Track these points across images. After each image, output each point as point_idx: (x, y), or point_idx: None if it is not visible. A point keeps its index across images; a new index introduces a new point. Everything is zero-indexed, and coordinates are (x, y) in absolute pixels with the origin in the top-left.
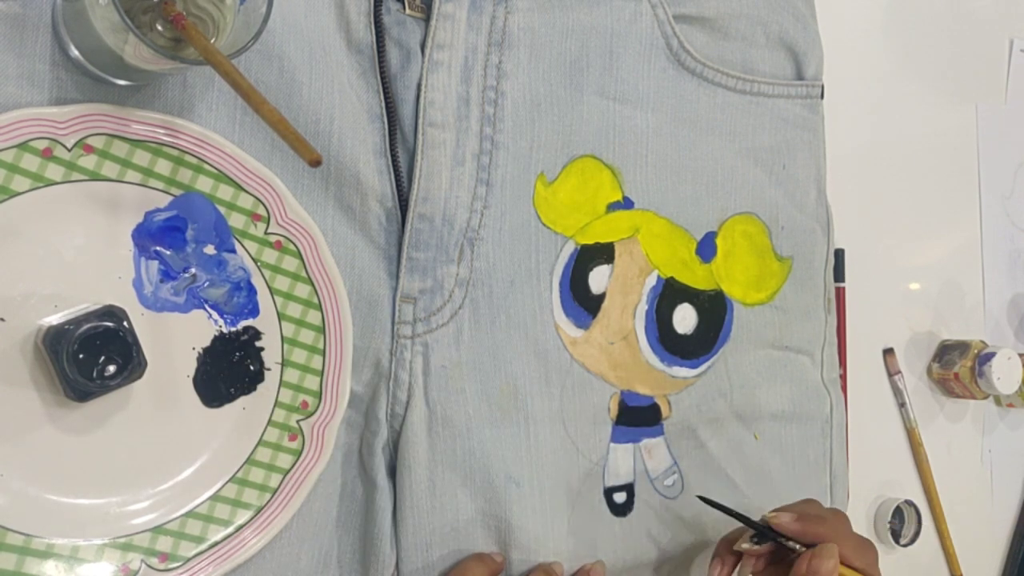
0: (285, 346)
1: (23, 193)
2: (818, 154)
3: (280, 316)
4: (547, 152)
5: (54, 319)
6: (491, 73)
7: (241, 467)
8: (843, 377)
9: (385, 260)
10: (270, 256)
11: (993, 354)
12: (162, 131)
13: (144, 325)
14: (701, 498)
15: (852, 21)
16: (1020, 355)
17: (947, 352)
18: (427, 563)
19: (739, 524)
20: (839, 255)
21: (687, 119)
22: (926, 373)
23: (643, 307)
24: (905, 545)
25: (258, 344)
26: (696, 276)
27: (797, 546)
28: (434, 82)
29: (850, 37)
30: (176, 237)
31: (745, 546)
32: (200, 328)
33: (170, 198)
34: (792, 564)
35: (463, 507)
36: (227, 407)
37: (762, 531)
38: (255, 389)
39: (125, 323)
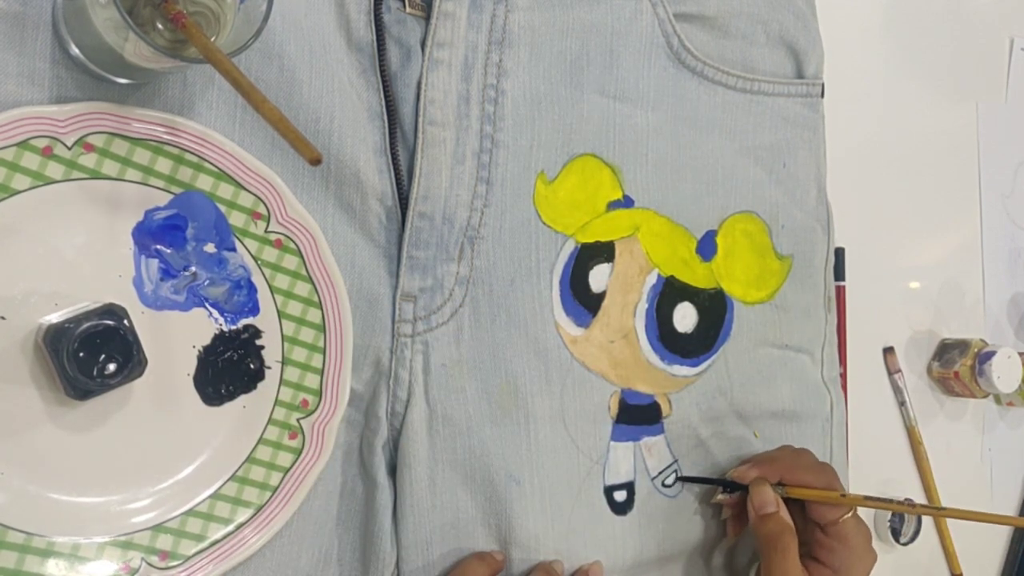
0: (285, 344)
1: (23, 191)
2: (818, 153)
3: (280, 314)
4: (547, 150)
5: (54, 317)
6: (491, 71)
7: (241, 465)
8: (843, 376)
9: (385, 259)
10: (270, 254)
11: (993, 353)
12: (162, 129)
13: (144, 323)
14: (682, 478)
15: (852, 20)
16: (1020, 354)
17: (947, 351)
18: (427, 562)
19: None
20: (839, 254)
21: (687, 118)
22: (926, 372)
23: (643, 306)
24: (905, 544)
25: (258, 342)
26: (696, 275)
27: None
28: (434, 80)
29: (850, 36)
30: (176, 235)
31: (720, 497)
32: (200, 326)
33: (170, 196)
34: None
35: (463, 505)
36: (227, 405)
37: (728, 485)
38: (255, 387)
39: (125, 321)
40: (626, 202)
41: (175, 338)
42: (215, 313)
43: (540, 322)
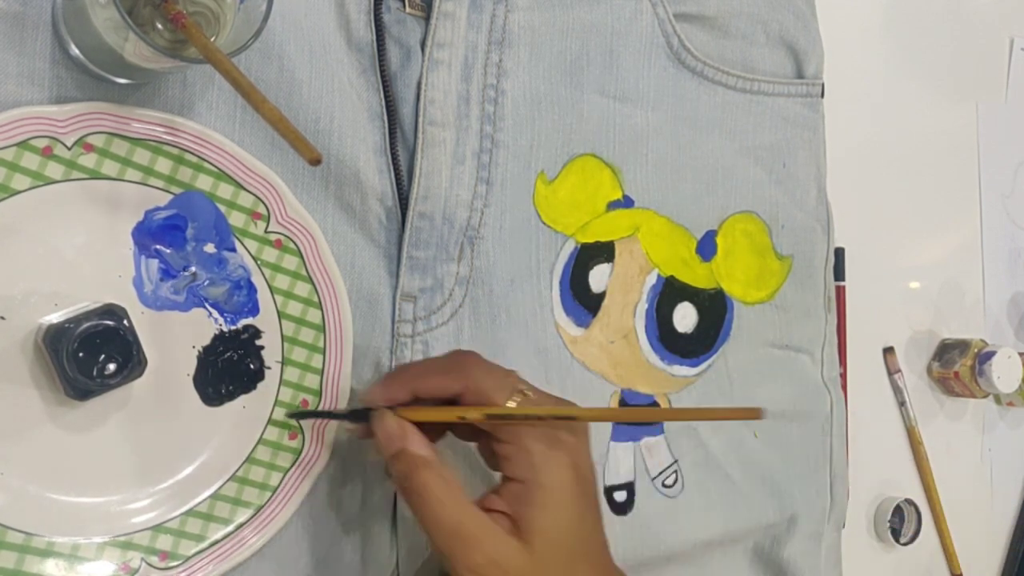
0: (285, 345)
1: (23, 192)
2: (818, 153)
3: (280, 315)
4: (547, 150)
5: (54, 317)
6: (491, 71)
7: (241, 466)
8: (843, 376)
9: (385, 259)
10: (270, 255)
11: (993, 353)
12: (162, 130)
13: (144, 324)
14: (290, 414)
15: (852, 20)
16: (1020, 354)
17: (947, 351)
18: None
19: None
20: (839, 254)
21: (687, 118)
22: (926, 372)
23: (643, 306)
24: (905, 544)
25: (258, 343)
26: (696, 275)
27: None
28: (434, 80)
29: (850, 36)
30: (176, 235)
31: (349, 428)
32: (200, 327)
33: (170, 196)
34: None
35: None
36: (227, 406)
37: (357, 414)
38: (255, 388)
39: (125, 322)
40: (626, 202)
41: (175, 338)
42: (215, 313)
43: (540, 322)
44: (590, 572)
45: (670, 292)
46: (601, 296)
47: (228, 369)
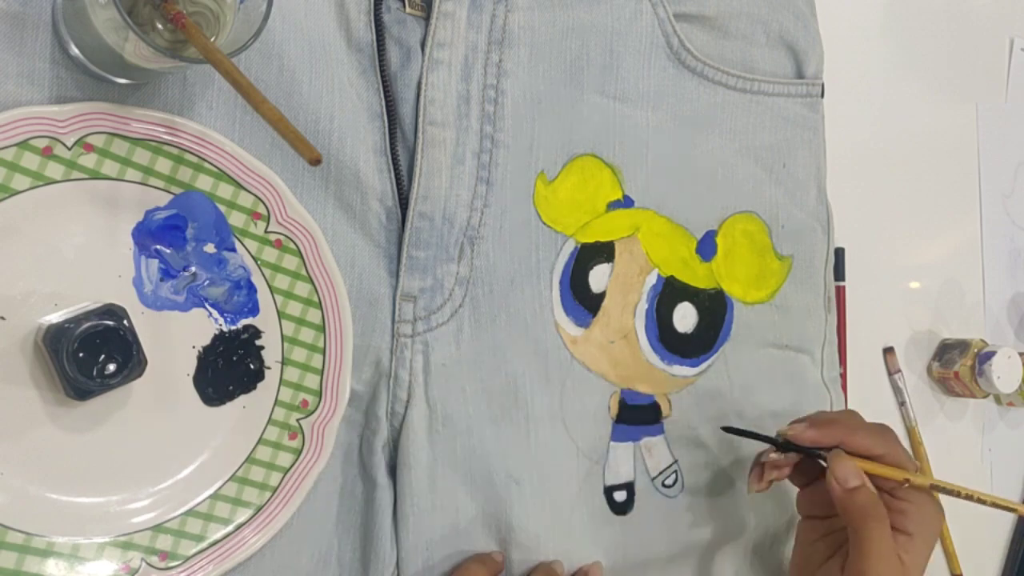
0: (285, 345)
1: (23, 191)
2: (818, 153)
3: (280, 315)
4: (547, 151)
5: (54, 317)
6: (491, 71)
7: (241, 466)
8: (843, 376)
9: (385, 259)
10: (270, 255)
11: (993, 353)
12: (162, 130)
13: (144, 324)
14: (725, 428)
15: (852, 20)
16: (1020, 354)
17: (947, 351)
18: (428, 563)
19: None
20: (839, 254)
21: (687, 118)
22: (926, 372)
23: (643, 306)
24: None
25: (258, 343)
26: (696, 275)
27: (822, 453)
28: (434, 80)
29: (850, 36)
30: (176, 235)
31: (772, 456)
32: (200, 327)
33: (170, 196)
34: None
35: (463, 506)
36: (227, 406)
37: (782, 445)
38: (255, 388)
39: (125, 322)
40: (626, 202)
41: (175, 338)
42: (215, 313)
43: (540, 322)
44: None
45: (670, 292)
46: (601, 296)
47: (228, 369)
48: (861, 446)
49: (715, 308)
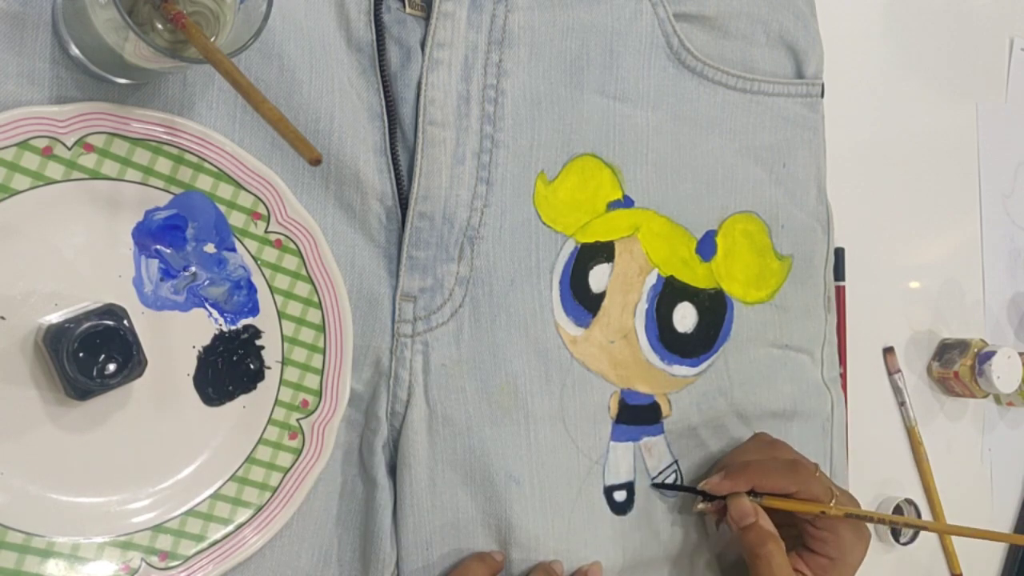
0: (285, 345)
1: (23, 192)
2: (818, 153)
3: (280, 315)
4: (547, 150)
5: (54, 317)
6: (491, 71)
7: (241, 466)
8: (843, 376)
9: (385, 259)
10: (270, 255)
11: (993, 353)
12: (162, 130)
13: (144, 324)
14: (654, 485)
15: (852, 20)
16: (1020, 354)
17: (947, 351)
18: (427, 562)
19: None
20: (839, 254)
21: (687, 118)
22: (926, 372)
23: (643, 306)
24: (905, 544)
25: (258, 343)
26: (696, 275)
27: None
28: (434, 80)
29: (850, 36)
30: (176, 235)
31: (700, 507)
32: (200, 327)
33: (170, 196)
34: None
35: (463, 506)
36: (227, 405)
37: (706, 496)
38: (255, 388)
39: (125, 321)
40: (626, 202)
41: (175, 338)
42: (215, 313)
43: (540, 322)
44: None
45: (670, 292)
46: (601, 296)
47: (228, 369)
48: (775, 487)
49: (715, 308)
